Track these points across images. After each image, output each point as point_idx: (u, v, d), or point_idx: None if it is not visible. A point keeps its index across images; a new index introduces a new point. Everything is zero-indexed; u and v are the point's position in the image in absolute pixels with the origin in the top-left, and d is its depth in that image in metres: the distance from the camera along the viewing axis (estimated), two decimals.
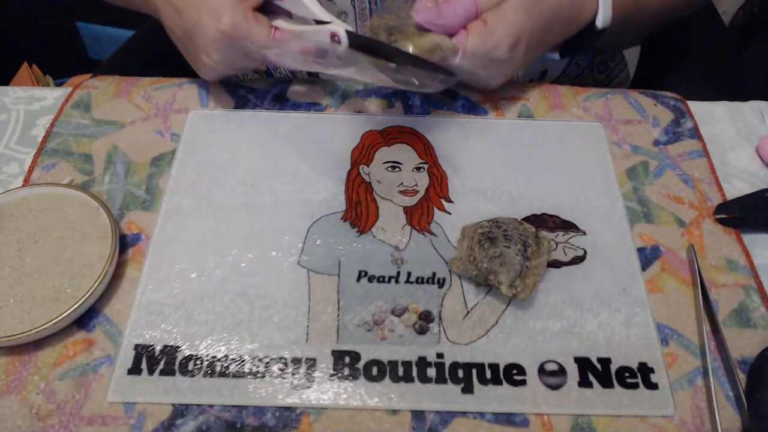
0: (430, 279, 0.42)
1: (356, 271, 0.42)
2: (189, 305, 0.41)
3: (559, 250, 0.44)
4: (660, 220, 0.46)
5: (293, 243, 0.44)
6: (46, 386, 0.37)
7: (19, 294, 0.39)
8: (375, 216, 0.45)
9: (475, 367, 0.38)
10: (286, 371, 0.38)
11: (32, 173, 0.47)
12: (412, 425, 0.36)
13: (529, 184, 0.47)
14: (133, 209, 0.45)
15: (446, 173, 0.48)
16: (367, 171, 0.48)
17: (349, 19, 0.56)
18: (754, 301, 0.41)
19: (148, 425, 0.36)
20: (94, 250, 0.41)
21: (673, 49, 0.69)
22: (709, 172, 0.49)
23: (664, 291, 0.42)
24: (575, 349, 0.39)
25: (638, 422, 0.36)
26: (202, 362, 0.38)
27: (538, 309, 0.41)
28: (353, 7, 0.55)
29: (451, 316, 0.40)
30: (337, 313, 0.40)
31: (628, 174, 0.48)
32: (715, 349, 0.39)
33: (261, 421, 0.36)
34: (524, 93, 0.53)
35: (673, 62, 0.68)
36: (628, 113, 0.52)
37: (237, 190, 0.46)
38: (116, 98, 0.52)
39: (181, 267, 0.42)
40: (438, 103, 0.53)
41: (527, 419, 0.36)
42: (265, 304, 0.41)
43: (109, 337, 0.39)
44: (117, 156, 0.48)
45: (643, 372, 0.38)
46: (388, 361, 0.38)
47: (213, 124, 0.51)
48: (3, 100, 0.53)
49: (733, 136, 0.52)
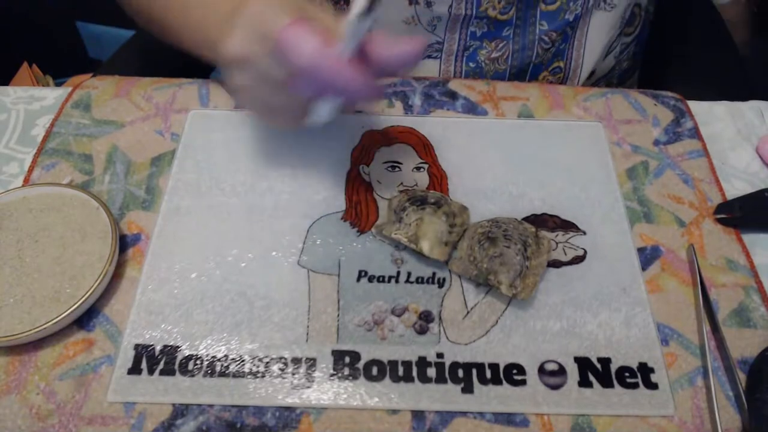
0: (430, 279, 0.42)
1: (356, 271, 0.42)
2: (189, 305, 0.41)
3: (559, 250, 0.44)
4: (660, 220, 0.46)
5: (293, 243, 0.44)
6: (46, 386, 0.37)
7: (19, 294, 0.39)
8: (375, 216, 0.45)
9: (475, 367, 0.38)
10: (286, 371, 0.38)
11: (32, 173, 0.47)
12: (412, 425, 0.36)
13: (529, 184, 0.47)
14: (133, 209, 0.45)
15: (446, 173, 0.48)
16: (367, 171, 0.48)
17: (440, 23, 0.54)
18: (754, 301, 0.41)
19: (148, 425, 0.36)
20: (94, 250, 0.41)
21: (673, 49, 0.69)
22: (709, 172, 0.49)
23: (664, 291, 0.42)
24: (575, 349, 0.39)
25: (638, 422, 0.36)
26: (202, 362, 0.38)
27: (538, 309, 0.41)
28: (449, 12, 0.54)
29: (451, 316, 0.40)
30: (337, 313, 0.40)
31: (628, 174, 0.48)
32: (715, 349, 0.39)
33: (261, 421, 0.36)
34: (524, 93, 0.54)
35: (673, 62, 0.68)
36: (628, 113, 0.52)
37: (237, 190, 0.46)
38: (116, 98, 0.52)
39: (181, 267, 0.42)
40: (438, 103, 0.53)
41: (527, 419, 0.36)
42: (265, 304, 0.41)
43: (109, 337, 0.39)
44: (117, 156, 0.48)
45: (643, 372, 0.38)
46: (388, 361, 0.38)
47: (213, 124, 0.51)
48: (3, 100, 0.53)
49: (733, 135, 0.52)
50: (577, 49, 0.59)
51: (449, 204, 0.44)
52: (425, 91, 0.53)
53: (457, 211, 0.44)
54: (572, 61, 0.59)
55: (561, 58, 0.59)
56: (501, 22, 0.56)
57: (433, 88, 0.54)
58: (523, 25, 0.56)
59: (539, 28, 0.56)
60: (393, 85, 0.54)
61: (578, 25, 0.57)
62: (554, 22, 0.56)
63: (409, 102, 0.53)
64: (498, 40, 0.57)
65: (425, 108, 0.52)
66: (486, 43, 0.57)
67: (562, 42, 0.58)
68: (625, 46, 0.63)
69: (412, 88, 0.53)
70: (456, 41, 0.57)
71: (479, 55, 0.58)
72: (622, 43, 0.62)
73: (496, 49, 0.57)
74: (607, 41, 0.60)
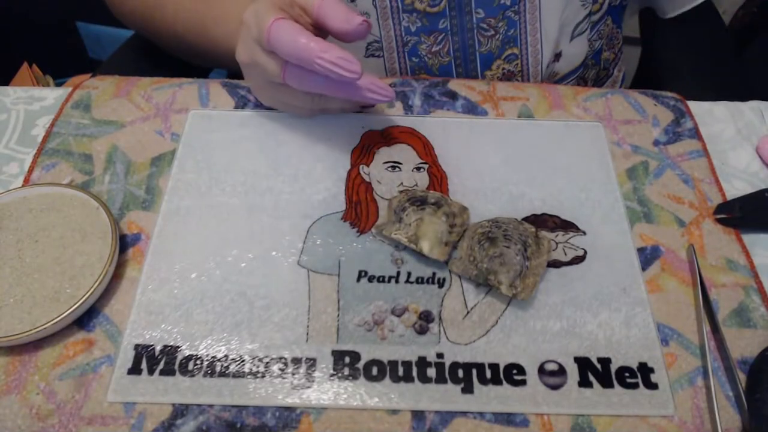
0: (430, 279, 0.42)
1: (356, 271, 0.42)
2: (189, 305, 0.41)
3: (559, 250, 0.44)
4: (660, 220, 0.46)
5: (293, 243, 0.44)
6: (46, 386, 0.37)
7: (19, 294, 0.39)
8: (375, 216, 0.45)
9: (475, 367, 0.38)
10: (286, 371, 0.38)
11: (32, 173, 0.47)
12: (412, 425, 0.36)
13: (529, 184, 0.47)
14: (133, 209, 0.45)
15: (446, 173, 0.48)
16: (367, 171, 0.48)
17: (372, 19, 0.56)
18: (754, 301, 0.41)
19: (148, 425, 0.36)
20: (94, 250, 0.41)
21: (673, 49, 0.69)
22: (709, 172, 0.49)
23: (664, 291, 0.42)
24: (575, 349, 0.39)
25: (638, 422, 0.36)
26: (202, 362, 0.38)
27: (538, 309, 0.41)
28: (375, 7, 0.55)
29: (451, 316, 0.40)
30: (337, 313, 0.40)
31: (628, 174, 0.48)
32: (715, 349, 0.39)
33: (261, 421, 0.36)
34: (524, 93, 0.54)
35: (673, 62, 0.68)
36: (628, 113, 0.52)
37: (237, 190, 0.46)
38: (116, 98, 0.52)
39: (181, 267, 0.42)
40: (438, 103, 0.53)
41: (527, 419, 0.36)
42: (265, 304, 0.41)
43: (109, 337, 0.39)
44: (117, 156, 0.48)
45: (643, 372, 0.38)
46: (388, 361, 0.38)
47: (213, 124, 0.51)
48: (3, 100, 0.53)
49: (733, 136, 0.52)
50: (532, 34, 0.58)
51: (449, 204, 0.44)
52: (425, 91, 0.53)
53: (457, 211, 0.44)
54: (528, 47, 0.58)
55: (514, 45, 0.58)
56: (434, 15, 0.56)
57: (433, 88, 0.54)
58: (459, 15, 0.56)
59: (476, 17, 0.56)
60: (393, 86, 0.54)
61: (525, 9, 0.56)
62: (490, 8, 0.55)
63: (409, 102, 0.53)
64: (436, 33, 0.57)
65: (425, 108, 0.52)
66: (424, 38, 0.57)
67: (509, 28, 0.57)
68: (592, 24, 0.61)
69: (412, 88, 0.53)
70: (393, 38, 0.57)
71: (420, 50, 0.58)
72: (591, 22, 0.61)
73: (435, 42, 0.57)
74: (566, 23, 0.58)
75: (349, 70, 0.38)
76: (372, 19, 0.56)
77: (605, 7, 0.61)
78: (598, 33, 0.63)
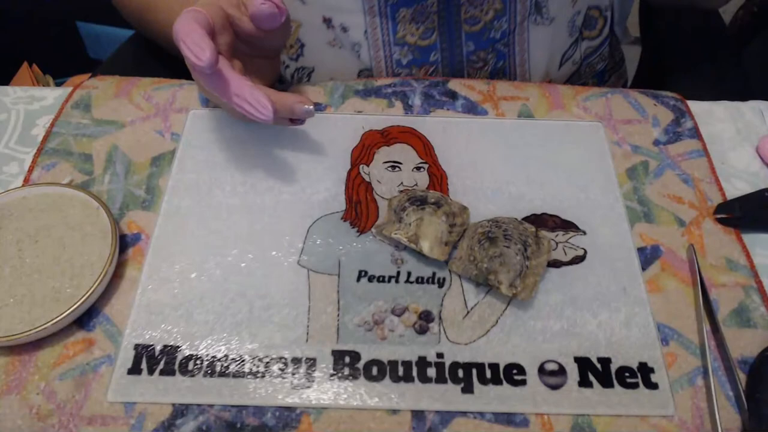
0: (430, 279, 0.42)
1: (356, 271, 0.42)
2: (189, 305, 0.41)
3: (559, 250, 0.44)
4: (660, 219, 0.46)
5: (293, 243, 0.44)
6: (46, 386, 0.37)
7: (19, 294, 0.39)
8: (375, 216, 0.45)
9: (475, 366, 0.38)
10: (286, 371, 0.38)
11: (32, 173, 0.47)
12: (412, 425, 0.36)
13: (529, 184, 0.47)
14: (133, 209, 0.45)
15: (446, 173, 0.48)
16: (367, 171, 0.48)
17: (363, 50, 0.56)
18: (754, 301, 0.41)
19: (148, 425, 0.36)
20: (94, 250, 0.41)
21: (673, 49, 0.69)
22: (709, 172, 0.49)
23: (664, 291, 0.42)
24: (575, 349, 0.39)
25: (638, 422, 0.36)
26: (202, 362, 0.38)
27: (538, 309, 0.41)
28: (366, 39, 0.55)
29: (451, 316, 0.40)
30: (337, 313, 0.40)
31: (628, 174, 0.48)
32: (715, 349, 0.39)
33: (261, 421, 0.36)
34: (524, 93, 0.54)
35: (673, 62, 0.68)
36: (628, 113, 0.52)
37: (237, 190, 0.46)
38: (116, 98, 0.52)
39: (181, 267, 0.42)
40: (438, 102, 0.53)
41: (527, 419, 0.36)
42: (265, 304, 0.41)
43: (109, 337, 0.39)
44: (117, 156, 0.48)
45: (643, 372, 0.38)
46: (388, 361, 0.38)
47: (213, 123, 0.51)
48: (3, 100, 0.53)
49: (733, 135, 0.52)
50: (521, 65, 0.59)
51: (449, 204, 0.44)
52: (425, 91, 0.53)
53: (457, 211, 0.44)
54: (517, 77, 0.59)
55: (503, 75, 0.59)
56: (425, 48, 0.56)
57: (433, 88, 0.54)
58: (450, 48, 0.56)
59: (466, 50, 0.56)
60: (393, 86, 0.54)
61: (514, 41, 0.57)
62: (480, 41, 0.56)
63: (409, 102, 0.53)
64: (427, 66, 0.57)
65: (425, 108, 0.52)
66: (415, 70, 0.57)
67: (498, 60, 0.58)
68: (591, 49, 0.63)
69: (412, 88, 0.53)
70: (383, 69, 0.57)
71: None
72: (587, 48, 0.62)
73: (426, 74, 0.58)
74: (554, 52, 0.59)
75: (198, 56, 0.38)
76: (363, 51, 0.56)
77: (603, 33, 0.62)
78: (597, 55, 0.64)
